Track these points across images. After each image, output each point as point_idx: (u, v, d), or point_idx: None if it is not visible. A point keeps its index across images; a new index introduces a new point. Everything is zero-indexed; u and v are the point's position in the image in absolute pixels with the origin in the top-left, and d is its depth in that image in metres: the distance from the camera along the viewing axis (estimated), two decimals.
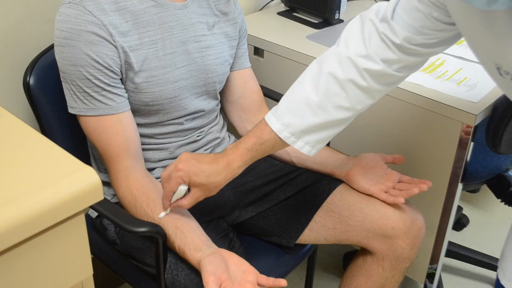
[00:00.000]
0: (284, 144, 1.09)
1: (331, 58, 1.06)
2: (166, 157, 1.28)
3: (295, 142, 1.08)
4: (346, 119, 1.09)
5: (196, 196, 1.09)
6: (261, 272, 1.05)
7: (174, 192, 1.08)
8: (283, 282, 1.04)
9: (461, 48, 1.63)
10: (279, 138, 1.08)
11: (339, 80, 1.04)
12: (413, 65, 1.07)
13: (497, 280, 1.11)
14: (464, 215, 2.14)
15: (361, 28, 1.05)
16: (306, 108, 1.06)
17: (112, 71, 1.12)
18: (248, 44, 1.42)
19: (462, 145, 1.38)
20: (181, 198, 1.09)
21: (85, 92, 1.12)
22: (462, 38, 1.04)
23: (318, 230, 1.29)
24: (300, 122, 1.06)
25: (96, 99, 1.13)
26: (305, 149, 1.09)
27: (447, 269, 1.95)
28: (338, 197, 1.29)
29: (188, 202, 1.09)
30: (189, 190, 1.09)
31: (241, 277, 1.02)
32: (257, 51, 1.72)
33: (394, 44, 1.02)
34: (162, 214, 1.10)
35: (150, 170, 1.26)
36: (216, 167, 1.08)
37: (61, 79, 1.16)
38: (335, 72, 1.04)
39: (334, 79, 1.05)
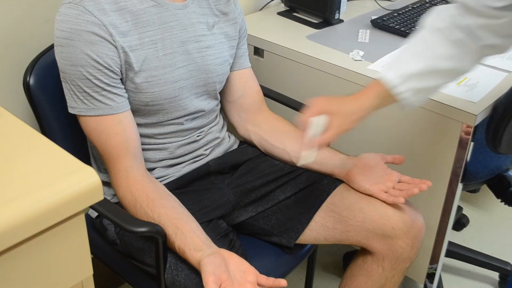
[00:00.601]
0: (390, 96, 1.13)
1: (432, 13, 1.17)
2: (166, 157, 1.28)
3: (398, 85, 1.12)
4: (449, 71, 1.15)
5: (336, 124, 1.11)
6: (261, 272, 1.05)
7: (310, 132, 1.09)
8: (283, 282, 1.04)
9: None
10: (384, 83, 1.13)
11: (438, 29, 1.13)
12: (494, 27, 1.10)
13: None
14: (464, 215, 2.13)
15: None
16: (410, 56, 1.15)
17: (112, 71, 1.12)
18: (248, 44, 1.42)
19: (462, 145, 1.38)
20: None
21: (85, 92, 1.12)
22: None
23: (318, 230, 1.29)
24: (405, 67, 1.13)
25: (96, 99, 1.13)
26: (404, 94, 1.13)
27: (447, 269, 1.95)
28: (338, 197, 1.29)
29: (331, 132, 1.11)
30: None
31: (241, 277, 1.02)
32: (257, 51, 1.72)
33: (463, 7, 1.11)
34: (307, 156, 1.07)
35: (150, 170, 1.26)
36: (350, 97, 1.15)
37: (61, 79, 1.16)
38: (434, 23, 1.15)
39: (433, 29, 1.14)
